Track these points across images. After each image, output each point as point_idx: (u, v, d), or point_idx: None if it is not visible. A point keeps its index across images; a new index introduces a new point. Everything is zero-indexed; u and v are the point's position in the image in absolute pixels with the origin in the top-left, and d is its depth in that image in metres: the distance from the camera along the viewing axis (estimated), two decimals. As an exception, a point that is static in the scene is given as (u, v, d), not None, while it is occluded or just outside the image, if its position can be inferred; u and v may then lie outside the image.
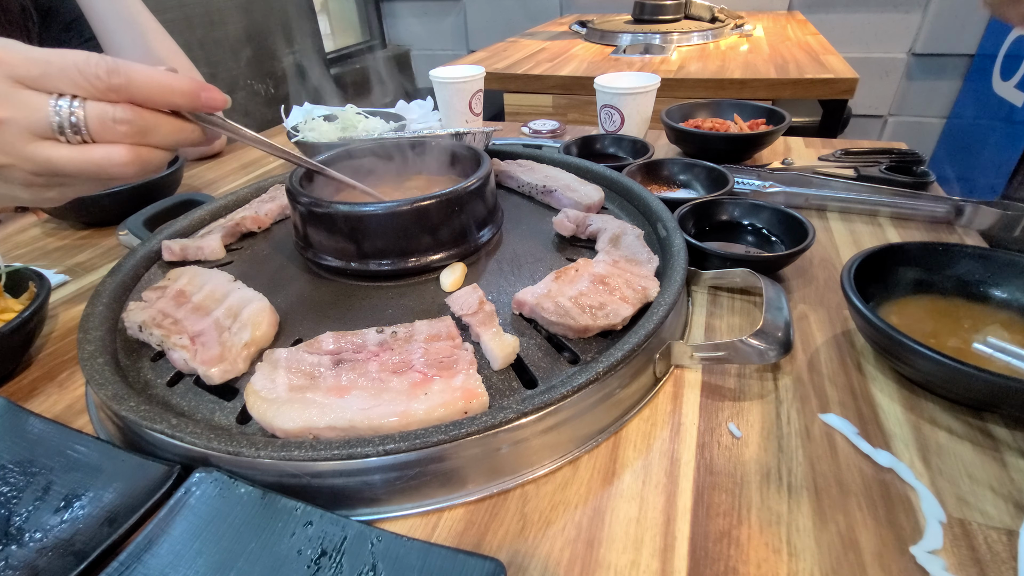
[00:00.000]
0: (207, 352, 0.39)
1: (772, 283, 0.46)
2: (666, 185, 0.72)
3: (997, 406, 0.37)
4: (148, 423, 0.34)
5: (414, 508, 0.34)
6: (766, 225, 0.59)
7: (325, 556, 0.29)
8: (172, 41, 0.96)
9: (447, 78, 0.92)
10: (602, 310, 0.41)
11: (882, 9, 1.97)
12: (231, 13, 1.74)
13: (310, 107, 0.92)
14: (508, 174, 0.65)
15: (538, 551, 0.31)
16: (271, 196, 0.64)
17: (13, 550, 0.31)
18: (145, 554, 0.29)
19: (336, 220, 0.46)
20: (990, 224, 0.59)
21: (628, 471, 0.35)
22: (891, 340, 0.38)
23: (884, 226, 0.63)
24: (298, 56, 2.03)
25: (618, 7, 2.04)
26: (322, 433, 0.33)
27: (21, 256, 0.67)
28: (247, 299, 0.43)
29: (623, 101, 0.84)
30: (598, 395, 0.36)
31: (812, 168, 0.73)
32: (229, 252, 0.56)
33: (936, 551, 0.30)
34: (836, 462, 0.35)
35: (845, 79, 1.19)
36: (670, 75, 1.28)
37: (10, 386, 0.46)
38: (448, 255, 0.48)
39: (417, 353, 0.37)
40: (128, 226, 0.62)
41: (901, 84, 2.06)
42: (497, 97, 1.44)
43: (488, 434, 0.33)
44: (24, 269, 0.51)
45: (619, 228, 0.51)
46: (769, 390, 0.41)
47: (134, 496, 0.33)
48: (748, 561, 0.30)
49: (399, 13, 2.70)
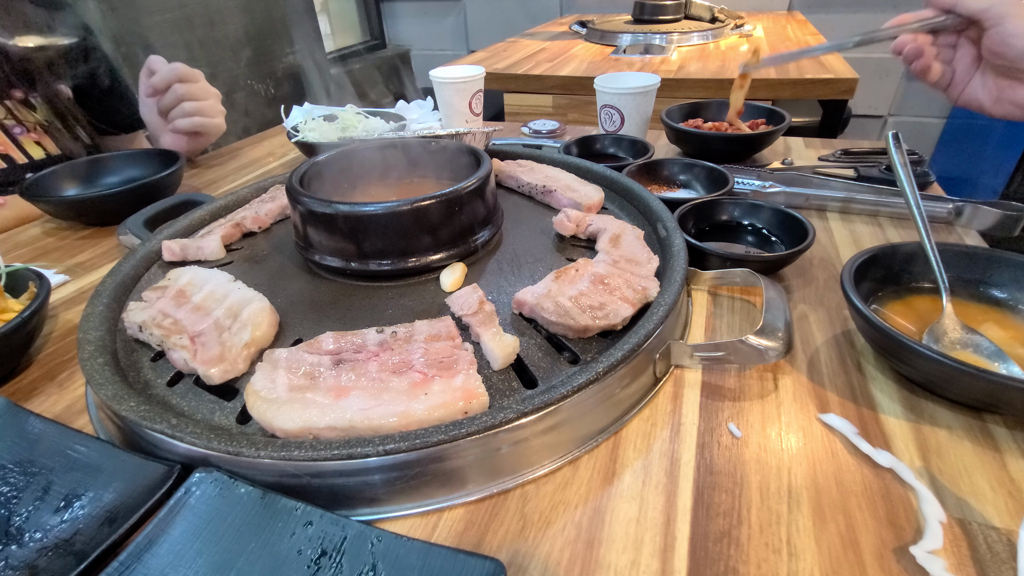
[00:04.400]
0: (207, 352, 0.39)
1: (772, 283, 0.46)
2: (666, 185, 0.72)
3: (997, 406, 0.37)
4: (148, 423, 0.34)
5: (414, 508, 0.34)
6: (766, 225, 0.59)
7: (325, 556, 0.29)
8: None
9: (447, 78, 0.92)
10: (602, 310, 0.41)
11: (882, 9, 1.97)
12: (231, 13, 1.74)
13: (310, 107, 0.92)
14: (508, 174, 0.65)
15: (538, 551, 0.31)
16: (271, 196, 0.64)
17: (13, 550, 0.31)
18: (145, 554, 0.29)
19: (336, 220, 0.46)
20: (990, 224, 0.59)
21: (628, 471, 0.35)
22: (891, 340, 0.38)
23: (884, 226, 0.63)
24: (298, 56, 2.03)
25: (618, 7, 2.04)
26: (322, 433, 0.33)
27: (21, 256, 0.67)
28: (247, 299, 0.43)
29: (623, 101, 0.84)
30: (598, 395, 0.36)
31: (812, 168, 0.73)
32: (229, 252, 0.56)
33: (936, 551, 0.30)
34: (836, 462, 0.35)
35: (845, 79, 1.19)
36: (670, 75, 1.28)
37: (10, 386, 0.46)
38: (448, 255, 0.48)
39: (417, 353, 0.37)
40: (128, 226, 0.62)
41: (901, 84, 2.06)
42: (497, 97, 1.44)
43: (488, 434, 0.33)
44: (24, 269, 0.51)
45: (619, 228, 0.51)
46: (769, 390, 0.41)
47: (134, 496, 0.33)
48: (748, 561, 0.30)
49: (399, 13, 2.70)
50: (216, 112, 0.88)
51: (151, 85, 0.85)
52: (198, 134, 0.88)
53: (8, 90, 0.82)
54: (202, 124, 0.86)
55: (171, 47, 1.57)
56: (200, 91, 0.86)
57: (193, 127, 0.86)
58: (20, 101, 0.83)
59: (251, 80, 1.83)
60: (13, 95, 0.82)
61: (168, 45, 1.56)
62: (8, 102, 0.82)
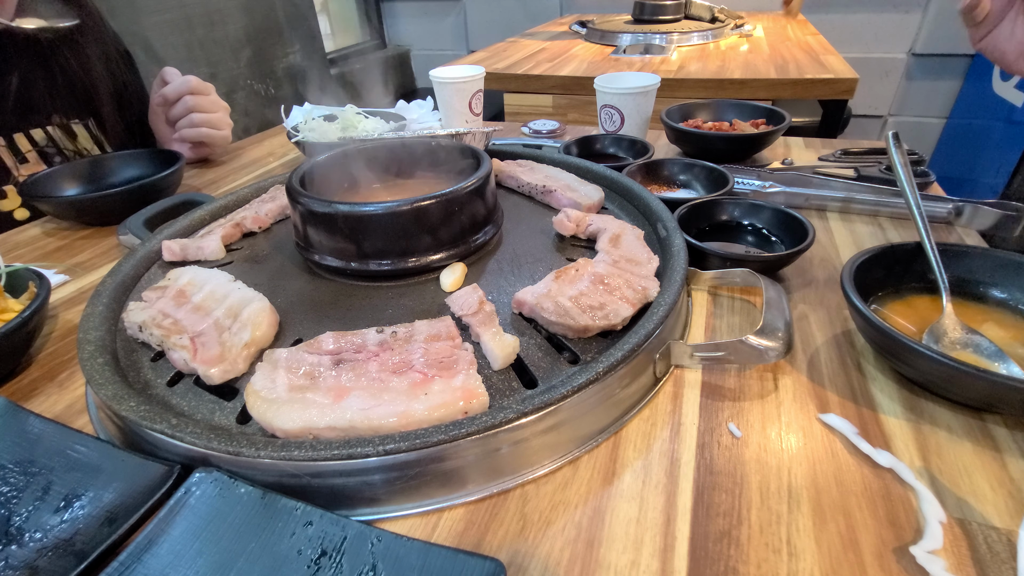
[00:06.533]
0: (207, 352, 0.39)
1: (772, 283, 0.46)
2: (666, 185, 0.72)
3: (997, 406, 0.37)
4: (148, 423, 0.34)
5: (414, 508, 0.34)
6: (766, 225, 0.59)
7: (325, 556, 0.29)
8: None
9: (447, 78, 0.92)
10: (602, 310, 0.41)
11: (882, 9, 1.97)
12: (231, 13, 1.74)
13: (310, 107, 0.92)
14: (508, 174, 0.65)
15: (538, 551, 0.31)
16: (271, 196, 0.64)
17: (13, 550, 0.31)
18: (145, 554, 0.29)
19: (336, 220, 0.46)
20: (990, 224, 0.59)
21: (628, 471, 0.35)
22: (891, 340, 0.38)
23: (884, 226, 0.63)
24: (298, 56, 2.03)
25: (618, 7, 2.04)
26: (322, 433, 0.33)
27: (21, 256, 0.67)
28: (247, 299, 0.43)
29: (623, 101, 0.84)
30: (598, 395, 0.36)
31: (812, 168, 0.73)
32: (229, 252, 0.56)
33: (936, 551, 0.30)
34: (836, 462, 0.35)
35: (845, 79, 1.19)
36: (670, 75, 1.28)
37: (10, 386, 0.46)
38: (448, 255, 0.48)
39: (417, 353, 0.37)
40: (128, 226, 0.62)
41: (901, 84, 2.06)
42: (497, 97, 1.44)
43: (488, 434, 0.33)
44: (24, 269, 0.51)
45: (619, 228, 0.51)
46: (769, 390, 0.41)
47: (134, 496, 0.33)
48: (748, 561, 0.30)
49: (399, 13, 2.70)
50: (224, 124, 0.91)
51: (163, 95, 0.86)
52: (203, 144, 0.91)
53: (49, 114, 0.82)
54: (208, 135, 0.88)
55: (171, 47, 1.57)
56: (209, 104, 0.89)
57: (199, 137, 0.88)
58: (60, 127, 0.83)
59: (251, 80, 1.83)
60: (53, 120, 0.82)
61: (168, 45, 1.56)
62: (49, 128, 0.82)
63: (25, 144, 0.80)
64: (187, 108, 0.86)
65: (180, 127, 0.88)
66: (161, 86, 0.87)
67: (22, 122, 0.79)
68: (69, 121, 0.84)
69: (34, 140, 0.80)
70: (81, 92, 0.83)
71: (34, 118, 0.80)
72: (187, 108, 0.86)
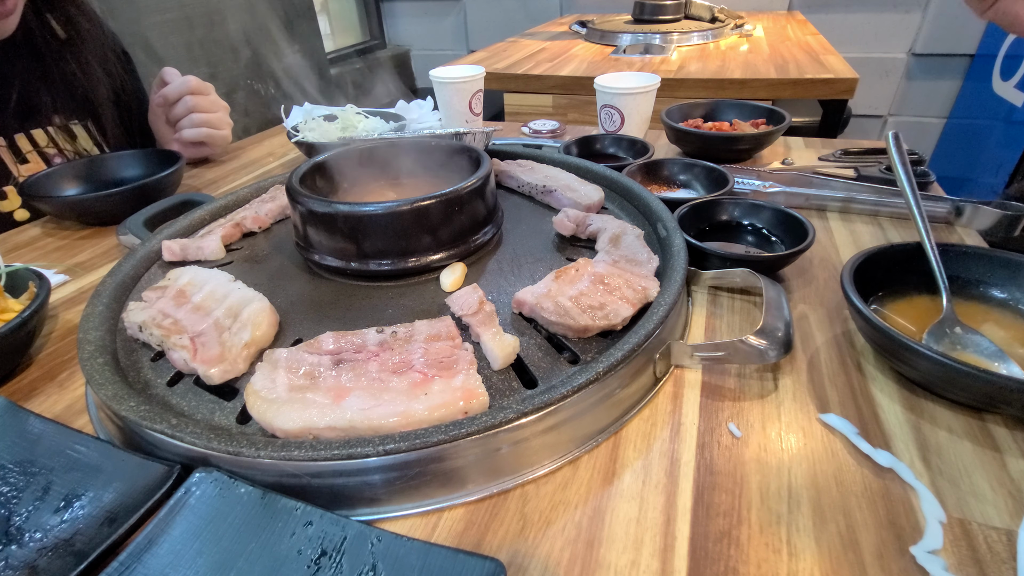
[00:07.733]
0: (207, 352, 0.39)
1: (772, 283, 0.46)
2: (666, 185, 0.72)
3: (997, 406, 0.37)
4: (148, 423, 0.34)
5: (414, 508, 0.34)
6: (766, 225, 0.59)
7: (325, 556, 0.29)
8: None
9: (447, 78, 0.92)
10: (602, 310, 0.41)
11: (882, 9, 1.97)
12: (231, 13, 1.74)
13: (310, 107, 0.92)
14: (508, 174, 0.65)
15: (538, 551, 0.31)
16: (271, 196, 0.64)
17: (13, 550, 0.31)
18: (145, 554, 0.29)
19: (336, 220, 0.46)
20: (990, 224, 0.59)
21: (628, 471, 0.35)
22: (891, 340, 0.38)
23: (884, 226, 0.63)
24: (298, 56, 2.03)
25: (618, 7, 2.04)
26: (322, 433, 0.33)
27: (21, 256, 0.67)
28: (247, 299, 0.43)
29: (623, 101, 0.84)
30: (598, 395, 0.36)
31: (812, 168, 0.73)
32: (229, 252, 0.56)
33: (936, 551, 0.30)
34: (836, 462, 0.35)
35: (845, 79, 1.19)
36: (670, 75, 1.28)
37: (10, 386, 0.46)
38: (448, 255, 0.48)
39: (417, 353, 0.37)
40: (128, 226, 0.62)
41: (901, 84, 2.06)
42: (497, 97, 1.44)
43: (488, 434, 0.33)
44: (24, 269, 0.51)
45: (619, 228, 0.51)
46: (769, 390, 0.41)
47: (134, 496, 0.33)
48: (748, 561, 0.30)
49: (399, 13, 2.70)
50: (223, 124, 0.91)
51: (163, 95, 0.87)
52: (203, 144, 0.91)
53: (50, 115, 0.82)
54: (208, 135, 0.89)
55: (171, 47, 1.57)
56: (209, 104, 0.89)
57: (199, 137, 0.88)
58: (61, 128, 0.83)
59: (251, 80, 1.83)
60: (54, 121, 0.82)
61: (168, 45, 1.56)
62: (50, 128, 0.82)
63: (26, 145, 0.80)
64: (187, 108, 0.87)
65: (180, 127, 0.88)
66: (161, 86, 0.87)
67: (23, 123, 0.79)
68: (69, 122, 0.84)
69: (35, 141, 0.80)
70: (80, 93, 0.83)
71: (35, 119, 0.80)
72: (187, 108, 0.87)
